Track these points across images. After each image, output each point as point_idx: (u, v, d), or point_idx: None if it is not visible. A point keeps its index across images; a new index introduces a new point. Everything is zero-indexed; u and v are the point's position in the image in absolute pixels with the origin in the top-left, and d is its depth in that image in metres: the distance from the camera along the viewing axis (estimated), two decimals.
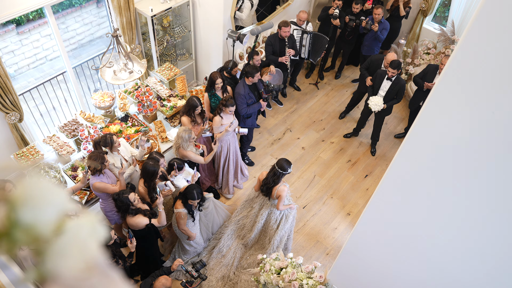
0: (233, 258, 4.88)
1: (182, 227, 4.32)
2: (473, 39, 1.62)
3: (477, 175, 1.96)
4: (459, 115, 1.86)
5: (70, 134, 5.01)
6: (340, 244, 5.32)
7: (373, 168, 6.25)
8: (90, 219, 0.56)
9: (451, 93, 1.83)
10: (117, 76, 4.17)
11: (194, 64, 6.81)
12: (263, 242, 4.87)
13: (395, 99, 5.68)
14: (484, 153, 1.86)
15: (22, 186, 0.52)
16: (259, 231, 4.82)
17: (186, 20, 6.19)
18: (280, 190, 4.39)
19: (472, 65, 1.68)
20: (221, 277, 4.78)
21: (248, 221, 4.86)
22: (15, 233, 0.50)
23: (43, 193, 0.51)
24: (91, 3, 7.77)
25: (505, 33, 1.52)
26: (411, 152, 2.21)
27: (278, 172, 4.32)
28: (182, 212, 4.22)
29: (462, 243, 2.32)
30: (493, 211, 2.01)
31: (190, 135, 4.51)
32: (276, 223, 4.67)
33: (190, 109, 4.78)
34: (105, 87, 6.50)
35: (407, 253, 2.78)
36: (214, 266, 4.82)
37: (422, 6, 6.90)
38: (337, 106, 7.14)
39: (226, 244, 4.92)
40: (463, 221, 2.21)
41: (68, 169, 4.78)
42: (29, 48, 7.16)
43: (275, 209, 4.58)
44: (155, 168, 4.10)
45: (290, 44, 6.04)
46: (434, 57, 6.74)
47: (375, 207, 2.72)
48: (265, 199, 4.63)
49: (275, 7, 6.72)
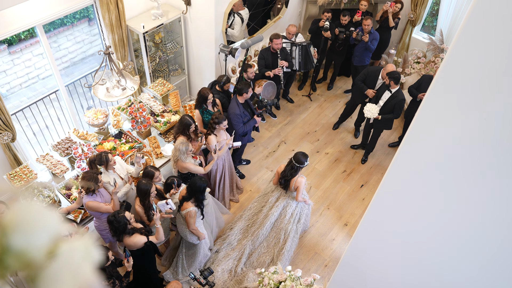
0: (241, 253, 4.94)
1: (193, 227, 4.24)
2: (462, 46, 1.65)
3: (475, 181, 1.96)
4: (452, 122, 1.88)
5: (63, 153, 4.97)
6: (338, 255, 5.29)
7: (369, 177, 6.25)
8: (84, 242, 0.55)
9: (443, 101, 1.85)
10: (110, 93, 4.17)
11: (187, 79, 6.83)
12: (272, 238, 4.96)
13: (392, 113, 5.56)
14: (479, 159, 1.87)
15: (14, 211, 0.51)
16: (271, 225, 4.93)
17: (178, 36, 6.23)
18: (298, 182, 4.62)
19: (463, 72, 1.70)
20: (228, 270, 4.86)
21: (261, 216, 4.98)
22: (6, 259, 0.49)
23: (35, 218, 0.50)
24: (82, 22, 7.81)
25: (494, 38, 1.54)
26: (406, 161, 2.21)
27: (295, 166, 4.55)
28: (192, 210, 4.17)
29: (462, 250, 2.32)
30: (494, 218, 2.01)
31: (187, 147, 4.51)
32: (289, 217, 4.83)
33: (184, 128, 4.77)
34: (98, 104, 6.49)
35: (407, 262, 2.76)
36: (223, 257, 4.91)
37: (410, 17, 7.01)
38: (330, 117, 7.18)
39: (236, 238, 5.04)
40: (463, 228, 2.21)
41: (62, 188, 4.73)
42: (21, 68, 7.15)
43: (291, 202, 4.79)
44: (148, 187, 4.07)
45: (283, 56, 6.09)
46: (425, 66, 6.83)
47: (372, 217, 2.72)
48: (282, 191, 4.83)
49: (266, 21, 6.80)
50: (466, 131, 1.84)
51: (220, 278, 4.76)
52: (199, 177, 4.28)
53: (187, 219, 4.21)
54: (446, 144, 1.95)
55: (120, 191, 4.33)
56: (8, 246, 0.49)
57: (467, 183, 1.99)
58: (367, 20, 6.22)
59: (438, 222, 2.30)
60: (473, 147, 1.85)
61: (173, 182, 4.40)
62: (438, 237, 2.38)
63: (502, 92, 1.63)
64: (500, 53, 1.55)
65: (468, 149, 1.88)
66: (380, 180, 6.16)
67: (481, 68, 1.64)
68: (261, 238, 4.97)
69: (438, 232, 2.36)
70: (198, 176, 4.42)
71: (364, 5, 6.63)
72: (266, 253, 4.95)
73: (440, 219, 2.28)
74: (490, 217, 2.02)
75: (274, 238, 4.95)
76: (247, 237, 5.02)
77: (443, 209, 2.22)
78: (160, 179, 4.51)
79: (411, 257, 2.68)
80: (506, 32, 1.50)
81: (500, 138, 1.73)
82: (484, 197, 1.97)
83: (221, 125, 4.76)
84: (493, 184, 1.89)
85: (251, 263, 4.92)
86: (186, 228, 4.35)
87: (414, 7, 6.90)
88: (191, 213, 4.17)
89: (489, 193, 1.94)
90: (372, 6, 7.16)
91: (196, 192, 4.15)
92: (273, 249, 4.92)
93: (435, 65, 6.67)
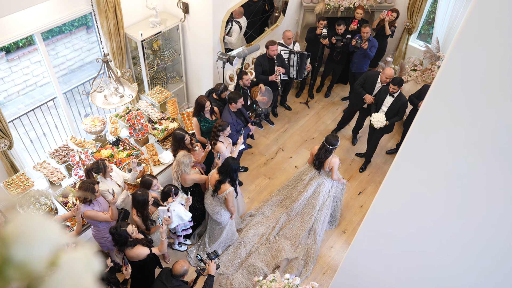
0: (275, 223, 5.39)
1: (232, 204, 4.60)
2: (459, 54, 1.66)
3: (473, 190, 1.97)
4: (450, 130, 1.89)
5: (61, 160, 4.96)
6: (336, 262, 5.27)
7: (366, 184, 6.26)
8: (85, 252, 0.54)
9: (441, 108, 1.86)
10: (108, 101, 4.17)
11: (185, 87, 6.85)
12: (306, 214, 5.34)
13: (397, 116, 5.71)
14: (477, 167, 1.88)
15: (14, 222, 0.51)
16: (305, 200, 5.32)
17: (176, 43, 6.25)
18: (332, 162, 4.97)
19: (460, 79, 1.72)
20: (259, 235, 5.31)
21: (296, 192, 5.39)
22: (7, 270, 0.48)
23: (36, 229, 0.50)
24: (81, 29, 7.83)
25: (490, 46, 1.56)
26: (404, 168, 2.22)
27: (328, 148, 4.88)
28: (232, 189, 4.50)
29: (460, 257, 2.32)
30: (493, 224, 2.02)
31: (190, 159, 4.53)
32: (322, 195, 5.20)
33: (179, 142, 4.77)
34: (96, 111, 6.48)
35: (405, 269, 2.76)
36: (256, 223, 5.40)
37: (407, 25, 7.08)
38: (328, 124, 7.20)
39: (271, 210, 5.54)
40: (461, 235, 2.21)
41: (59, 196, 4.71)
42: (19, 75, 7.14)
43: (325, 180, 5.14)
44: (145, 197, 4.05)
45: (280, 63, 6.12)
46: (421, 73, 6.88)
47: (370, 224, 2.72)
48: (316, 172, 5.16)
49: (264, 29, 6.84)
50: (463, 139, 1.85)
51: (250, 241, 5.25)
52: (230, 157, 4.51)
53: (228, 198, 4.53)
54: (444, 153, 1.96)
55: (118, 199, 4.31)
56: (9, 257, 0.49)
57: (465, 192, 2.00)
58: (366, 28, 6.28)
59: (436, 229, 2.31)
60: (470, 156, 1.86)
61: (171, 190, 4.39)
62: (436, 244, 2.38)
63: (498, 101, 1.64)
64: (495, 62, 1.57)
65: (465, 157, 1.88)
66: (378, 187, 6.17)
67: (478, 75, 1.65)
68: (295, 211, 5.40)
69: (436, 240, 2.36)
70: (229, 157, 4.54)
71: (360, 14, 6.69)
72: (300, 227, 5.34)
73: (438, 226, 2.28)
74: (489, 223, 2.02)
75: (308, 214, 5.32)
76: (281, 209, 5.51)
77: (440, 217, 2.23)
78: (158, 187, 4.49)
79: (409, 264, 2.67)
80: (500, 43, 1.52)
81: (498, 146, 1.74)
82: (483, 204, 1.97)
83: (224, 131, 4.84)
84: (493, 191, 1.90)
85: (284, 234, 5.32)
86: (220, 209, 4.68)
87: (411, 16, 6.96)
88: (232, 192, 4.53)
89: (488, 199, 1.94)
90: (369, 14, 7.22)
91: (231, 171, 4.46)
92: (307, 225, 5.31)
93: (432, 72, 6.72)
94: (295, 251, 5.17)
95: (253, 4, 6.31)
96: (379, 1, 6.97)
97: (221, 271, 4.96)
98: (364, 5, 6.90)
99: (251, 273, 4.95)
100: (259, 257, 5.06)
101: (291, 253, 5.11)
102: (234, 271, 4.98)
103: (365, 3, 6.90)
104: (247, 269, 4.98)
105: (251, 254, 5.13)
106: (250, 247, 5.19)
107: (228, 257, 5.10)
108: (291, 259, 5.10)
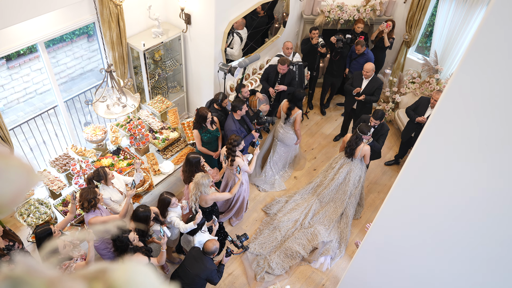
0: (309, 209, 5.71)
1: (299, 127, 5.73)
2: (464, 75, 1.70)
3: (478, 204, 2.00)
4: (453, 146, 1.92)
5: (61, 169, 4.95)
6: (335, 274, 5.27)
7: (365, 196, 6.28)
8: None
9: (446, 125, 1.90)
10: (111, 110, 4.19)
11: (186, 97, 6.88)
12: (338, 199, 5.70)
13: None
14: (481, 183, 1.91)
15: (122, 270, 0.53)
16: (336, 187, 5.66)
17: (178, 53, 6.30)
18: (364, 150, 5.25)
19: (465, 98, 1.75)
20: (294, 220, 5.64)
21: (326, 180, 5.71)
22: None
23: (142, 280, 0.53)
24: (82, 38, 7.86)
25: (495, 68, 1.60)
26: (408, 183, 2.24)
27: (360, 136, 5.16)
28: (299, 112, 5.62)
29: (462, 273, 2.33)
30: (496, 239, 2.04)
31: (209, 179, 4.40)
32: (353, 181, 5.52)
33: (195, 166, 4.65)
34: (96, 120, 6.49)
35: (408, 284, 2.77)
36: (290, 210, 5.74)
37: (405, 38, 7.17)
38: (327, 134, 7.24)
39: (303, 197, 5.88)
40: (463, 249, 2.23)
41: (59, 204, 4.69)
42: (19, 83, 7.15)
43: (354, 168, 5.44)
44: (147, 213, 4.05)
45: (287, 81, 6.13)
46: (419, 86, 6.95)
47: (373, 238, 2.73)
48: (345, 159, 5.46)
49: (264, 40, 6.91)
50: (468, 153, 1.88)
51: (285, 226, 5.56)
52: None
53: (297, 120, 5.56)
54: (448, 168, 1.99)
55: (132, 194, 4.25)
56: None
57: (470, 206, 2.02)
58: (357, 46, 6.51)
59: (439, 245, 2.33)
60: (475, 172, 1.89)
61: (167, 199, 4.35)
62: (439, 258, 2.40)
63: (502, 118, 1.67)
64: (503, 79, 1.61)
65: (470, 171, 1.92)
66: (377, 198, 6.20)
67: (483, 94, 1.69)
68: (326, 197, 5.74)
69: (438, 253, 2.38)
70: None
71: (360, 27, 6.79)
72: (333, 212, 5.68)
73: (441, 240, 2.30)
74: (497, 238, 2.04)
75: (340, 199, 5.67)
76: (314, 195, 5.83)
77: (444, 231, 2.25)
78: (177, 204, 4.39)
79: (413, 278, 2.69)
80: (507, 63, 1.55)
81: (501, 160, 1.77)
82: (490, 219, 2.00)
83: (240, 146, 4.79)
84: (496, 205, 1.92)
85: (318, 219, 5.63)
86: (291, 133, 5.78)
87: (409, 29, 7.06)
88: (300, 114, 5.54)
89: (492, 213, 1.97)
90: (368, 27, 7.32)
91: (298, 100, 5.51)
92: (339, 209, 5.66)
93: (430, 85, 6.80)
94: (329, 234, 5.50)
95: (257, 18, 6.41)
96: (378, 14, 7.07)
97: (257, 252, 5.28)
98: (364, 18, 6.99)
99: (288, 256, 5.27)
100: (295, 241, 5.37)
101: (326, 236, 5.43)
102: (272, 252, 5.30)
103: (364, 16, 6.99)
104: (284, 252, 5.29)
105: (287, 238, 5.44)
106: (285, 232, 5.51)
107: (263, 240, 5.43)
108: (326, 242, 5.41)
